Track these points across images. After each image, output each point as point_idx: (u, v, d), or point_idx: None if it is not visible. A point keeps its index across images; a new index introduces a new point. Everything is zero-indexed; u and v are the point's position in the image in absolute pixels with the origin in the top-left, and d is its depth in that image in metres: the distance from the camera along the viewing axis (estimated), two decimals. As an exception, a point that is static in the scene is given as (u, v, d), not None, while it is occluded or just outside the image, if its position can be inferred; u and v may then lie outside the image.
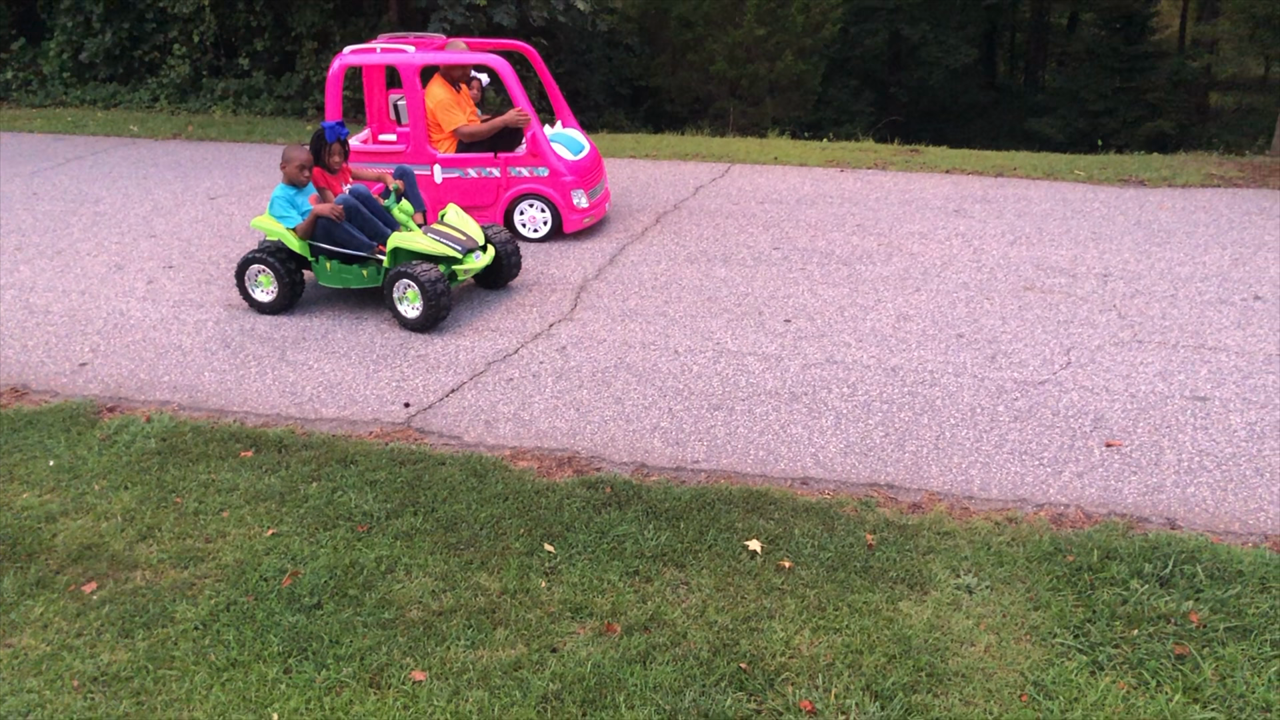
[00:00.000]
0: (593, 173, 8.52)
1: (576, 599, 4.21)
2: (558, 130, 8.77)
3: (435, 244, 6.67)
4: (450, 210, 7.09)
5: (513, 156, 8.27)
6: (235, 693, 3.76)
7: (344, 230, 6.73)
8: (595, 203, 8.49)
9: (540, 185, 8.27)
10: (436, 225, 6.89)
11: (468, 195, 8.36)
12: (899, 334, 6.55)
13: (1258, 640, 3.85)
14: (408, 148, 8.42)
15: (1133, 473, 5.02)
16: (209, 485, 5.10)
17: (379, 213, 7.00)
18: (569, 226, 8.32)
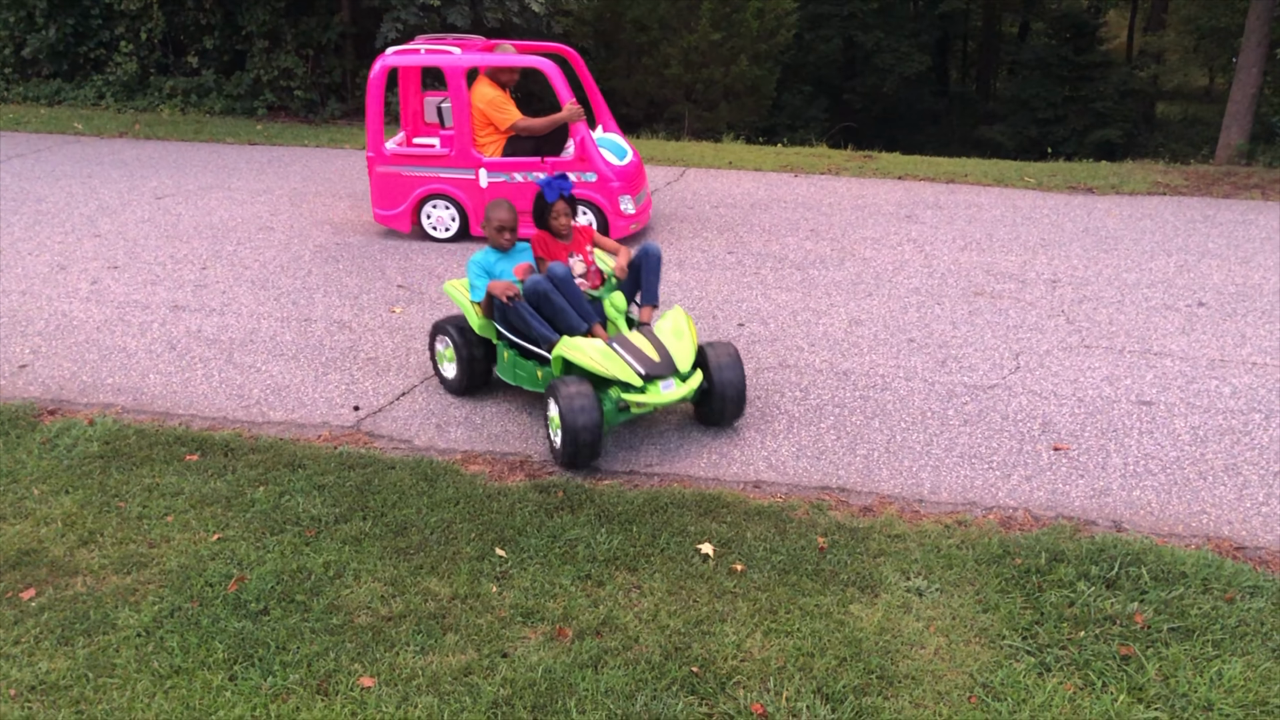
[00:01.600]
0: (637, 178, 8.33)
1: (528, 604, 4.18)
2: (600, 135, 8.52)
3: (610, 360, 5.11)
4: (670, 317, 5.45)
5: (560, 160, 8.02)
6: (179, 701, 3.69)
7: (520, 317, 5.37)
8: (641, 209, 8.29)
9: (588, 190, 8.01)
10: (636, 334, 5.34)
11: (513, 201, 7.84)
12: (851, 338, 6.59)
13: (1200, 640, 3.91)
14: (452, 151, 8.15)
15: (1080, 476, 5.08)
16: (153, 489, 5.01)
17: (577, 302, 5.40)
18: (616, 233, 8.07)
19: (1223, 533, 4.64)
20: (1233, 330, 6.55)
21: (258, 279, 7.72)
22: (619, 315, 5.55)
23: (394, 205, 8.42)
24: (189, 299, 7.36)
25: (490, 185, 8.09)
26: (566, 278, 5.33)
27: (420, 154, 8.27)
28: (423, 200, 8.35)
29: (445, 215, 8.37)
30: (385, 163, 8.31)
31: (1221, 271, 7.51)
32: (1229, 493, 4.91)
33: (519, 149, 8.09)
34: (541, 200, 5.65)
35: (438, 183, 8.25)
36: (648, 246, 5.63)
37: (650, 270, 5.65)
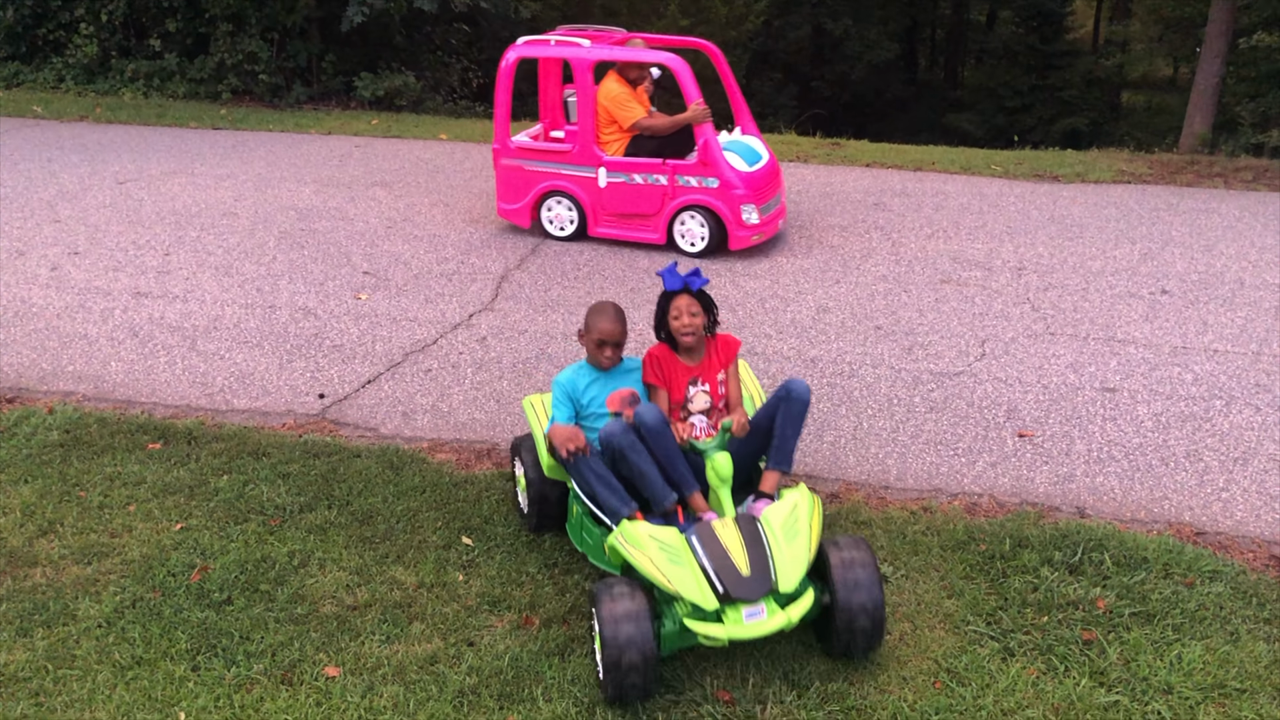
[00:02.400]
0: (767, 186, 7.74)
1: (495, 592, 4.17)
2: (735, 137, 8.04)
3: (677, 568, 3.57)
4: (787, 501, 3.80)
5: (682, 164, 7.54)
6: (140, 692, 3.65)
7: (581, 476, 4.00)
8: (767, 219, 7.72)
9: (708, 197, 7.53)
10: (728, 526, 3.71)
11: (631, 203, 7.74)
12: (818, 325, 6.61)
13: (1160, 625, 3.95)
14: (574, 147, 7.78)
15: (1044, 463, 5.12)
16: (114, 478, 4.94)
17: (670, 462, 3.95)
18: (735, 244, 7.60)
19: (1184, 518, 4.69)
20: (1195, 317, 6.62)
21: (221, 265, 7.63)
22: (722, 484, 3.91)
23: (515, 200, 8.12)
24: (151, 285, 7.27)
25: (609, 185, 7.73)
26: (658, 429, 3.90)
27: (542, 149, 7.98)
28: (543, 196, 8.03)
29: (564, 213, 8.01)
30: (509, 156, 8.05)
31: (1184, 259, 7.59)
32: (1190, 479, 4.97)
33: (642, 149, 7.70)
34: (663, 298, 4.19)
35: (558, 179, 7.91)
36: (792, 386, 4.02)
37: (790, 418, 4.04)
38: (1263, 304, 6.80)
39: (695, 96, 7.44)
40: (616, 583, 3.60)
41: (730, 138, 7.98)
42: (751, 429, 4.12)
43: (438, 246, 8.00)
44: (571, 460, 3.97)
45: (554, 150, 7.93)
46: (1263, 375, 5.88)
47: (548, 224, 8.09)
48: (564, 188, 7.91)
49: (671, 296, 4.17)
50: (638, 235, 7.85)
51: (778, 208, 7.94)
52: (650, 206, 7.71)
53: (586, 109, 7.69)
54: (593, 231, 7.96)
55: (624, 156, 7.71)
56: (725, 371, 4.26)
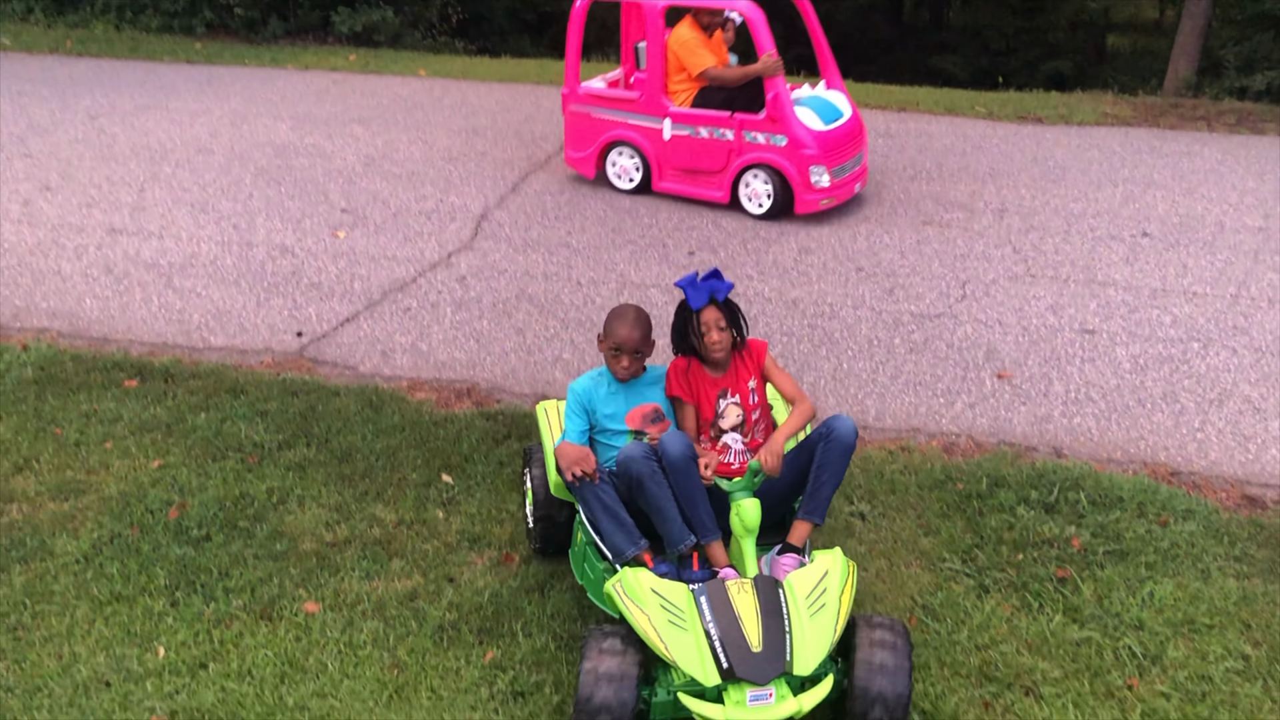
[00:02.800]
0: (845, 147, 7.20)
1: (475, 530, 4.17)
2: (815, 92, 7.46)
3: (675, 634, 3.10)
4: (820, 565, 3.28)
5: (750, 119, 7.06)
6: (119, 627, 3.65)
7: (588, 503, 3.49)
8: (841, 182, 7.19)
9: (775, 156, 7.02)
10: (744, 588, 3.19)
11: (696, 157, 7.31)
12: (800, 267, 6.58)
13: (1134, 563, 4.00)
14: (641, 95, 7.37)
15: (1022, 403, 5.15)
16: (91, 416, 4.91)
17: (690, 499, 3.43)
18: (801, 207, 7.09)
19: (1159, 458, 4.73)
20: (1175, 260, 6.63)
21: (197, 202, 7.53)
22: (746, 534, 3.43)
23: (582, 148, 7.76)
24: (126, 222, 7.17)
25: (674, 138, 7.30)
26: (682, 464, 3.38)
27: (610, 95, 7.59)
28: (609, 146, 7.64)
29: (629, 164, 7.59)
30: (577, 102, 7.68)
31: (1166, 202, 7.59)
32: (1166, 419, 5.01)
33: (710, 101, 7.22)
34: (684, 311, 3.70)
35: (624, 128, 7.51)
36: (836, 425, 3.46)
37: (829, 461, 3.46)
38: (1242, 247, 6.81)
39: (768, 47, 6.97)
40: (611, 634, 3.17)
41: (811, 92, 7.45)
42: (788, 466, 3.55)
43: (416, 184, 7.91)
44: (577, 485, 3.48)
45: (621, 98, 7.53)
46: (1240, 318, 5.90)
47: (613, 177, 7.71)
48: (629, 138, 7.52)
49: (695, 310, 3.63)
50: (701, 192, 7.41)
51: (855, 170, 7.38)
52: (715, 162, 7.27)
53: (656, 55, 7.28)
54: (656, 186, 7.57)
55: (691, 108, 7.28)
56: (756, 378, 3.73)
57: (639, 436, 3.65)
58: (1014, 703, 3.37)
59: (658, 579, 3.23)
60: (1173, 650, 3.58)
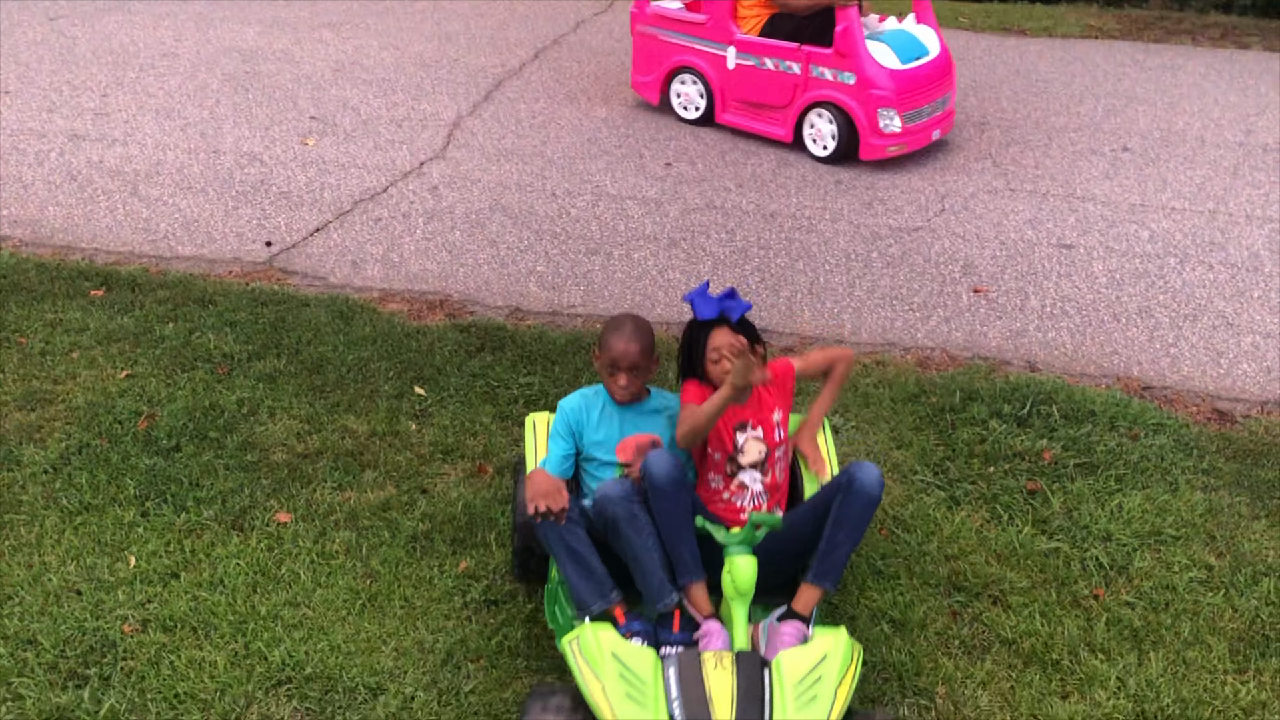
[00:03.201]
0: (924, 90, 6.51)
1: (448, 441, 4.16)
2: (900, 27, 6.81)
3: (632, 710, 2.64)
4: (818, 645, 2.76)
5: (818, 52, 6.43)
6: (89, 537, 3.63)
7: (551, 546, 3.04)
8: (915, 128, 6.52)
9: (842, 94, 6.42)
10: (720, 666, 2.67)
11: (760, 90, 6.75)
12: (778, 179, 6.51)
13: (1103, 476, 4.04)
14: (709, 20, 6.82)
15: (998, 318, 5.14)
16: (56, 325, 4.83)
17: (675, 540, 2.98)
18: (866, 153, 6.49)
19: (1132, 373, 4.75)
20: (1154, 175, 6.60)
21: (162, 108, 7.33)
22: (738, 597, 2.89)
23: (647, 72, 7.30)
24: (89, 128, 6.98)
25: (738, 68, 6.77)
26: (669, 489, 2.92)
27: (677, 17, 7.01)
28: (674, 72, 7.15)
29: (694, 92, 7.11)
30: (645, 22, 7.18)
31: (1148, 117, 7.52)
32: (1140, 334, 5.02)
33: (779, 29, 6.63)
34: (693, 329, 3.20)
35: (690, 54, 7.00)
36: (859, 475, 2.96)
37: (846, 517, 2.98)
38: (1221, 163, 6.78)
39: None
40: (560, 693, 2.77)
41: (895, 26, 6.82)
42: (803, 520, 3.08)
43: (387, 91, 7.72)
44: (540, 523, 3.00)
45: (688, 20, 6.97)
46: (1217, 233, 5.90)
47: (678, 106, 7.25)
48: (695, 64, 7.01)
49: (705, 329, 3.13)
50: (764, 129, 6.87)
51: (937, 115, 6.71)
52: (779, 97, 6.69)
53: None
54: (719, 118, 7.07)
55: (758, 37, 6.71)
56: (782, 409, 3.24)
57: (623, 476, 3.14)
58: (981, 612, 3.42)
59: (621, 641, 2.76)
60: (1139, 561, 3.63)
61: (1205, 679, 3.19)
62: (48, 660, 3.13)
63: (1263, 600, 3.49)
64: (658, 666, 2.70)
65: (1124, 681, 3.17)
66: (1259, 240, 5.83)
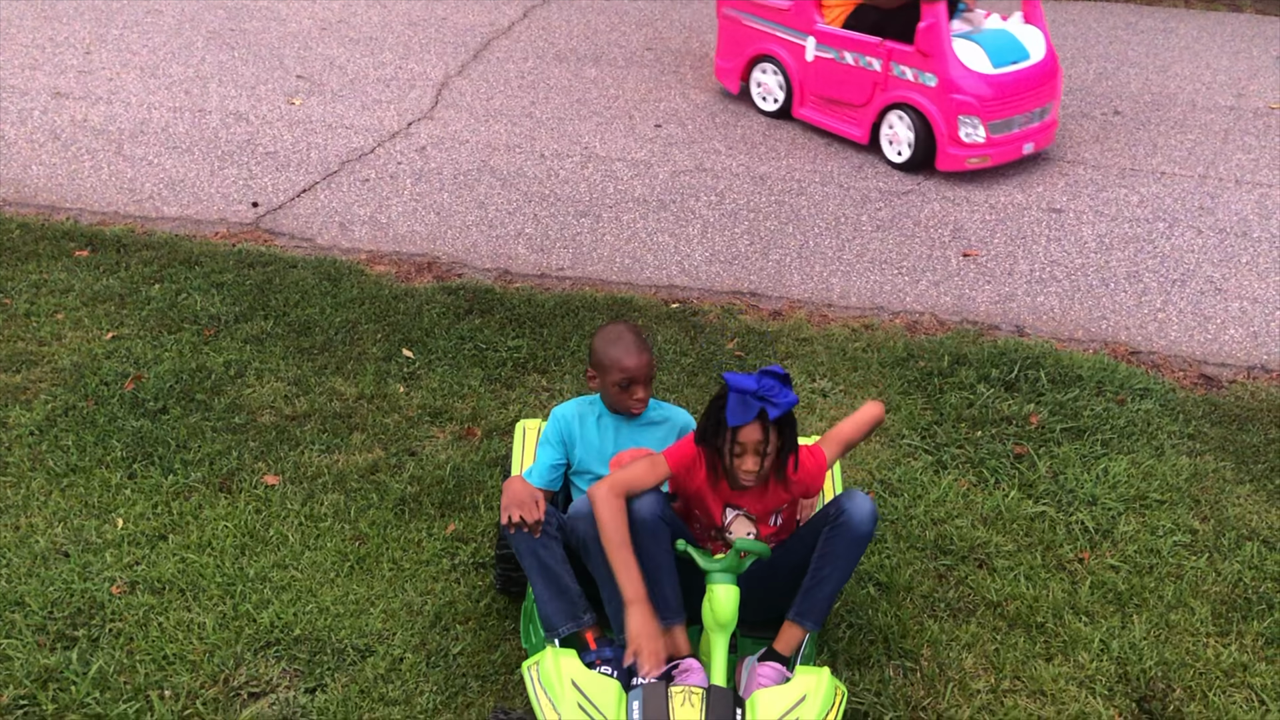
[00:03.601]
0: (1017, 98, 5.88)
1: (436, 404, 4.15)
2: (1003, 26, 6.18)
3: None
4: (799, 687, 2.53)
5: (900, 49, 5.91)
6: (76, 498, 3.62)
7: (523, 560, 2.84)
8: (1002, 140, 5.90)
9: (921, 96, 5.88)
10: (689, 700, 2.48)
11: (836, 85, 6.28)
12: (769, 142, 6.47)
13: (1090, 440, 4.06)
14: (792, 6, 6.36)
15: (987, 282, 5.14)
16: (41, 286, 4.79)
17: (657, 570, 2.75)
18: (943, 163, 5.93)
19: (1119, 338, 4.76)
20: (1145, 139, 6.58)
21: (147, 66, 7.24)
22: (718, 630, 2.68)
23: (729, 58, 6.89)
24: (72, 85, 6.90)
25: (816, 60, 6.31)
26: (652, 524, 2.72)
27: (762, 3, 6.54)
28: (755, 60, 6.72)
29: (773, 83, 6.65)
30: (731, 5, 6.77)
31: (1139, 80, 7.49)
32: (1128, 299, 5.03)
33: (863, 22, 6.17)
34: (717, 411, 2.73)
35: (772, 42, 6.55)
36: (849, 507, 2.75)
37: (834, 552, 2.76)
38: (1212, 127, 6.76)
39: None
40: (514, 715, 2.64)
41: (997, 24, 6.20)
42: (795, 552, 2.84)
43: (374, 50, 7.64)
44: (513, 534, 2.80)
45: (772, 6, 6.50)
46: (1206, 198, 5.89)
47: (757, 96, 6.81)
48: (775, 53, 6.55)
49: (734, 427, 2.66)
50: (840, 127, 6.39)
51: (1031, 127, 6.06)
52: (858, 95, 6.21)
53: None
54: (796, 112, 6.60)
55: (841, 28, 6.24)
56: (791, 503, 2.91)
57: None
58: (967, 575, 3.44)
59: (582, 669, 2.53)
60: (1124, 525, 3.66)
61: (1188, 641, 3.22)
62: (35, 622, 3.13)
63: (1246, 564, 3.52)
64: (621, 699, 2.50)
65: (1107, 644, 3.20)
66: (1248, 205, 5.82)
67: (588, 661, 2.67)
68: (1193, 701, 3.03)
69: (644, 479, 2.76)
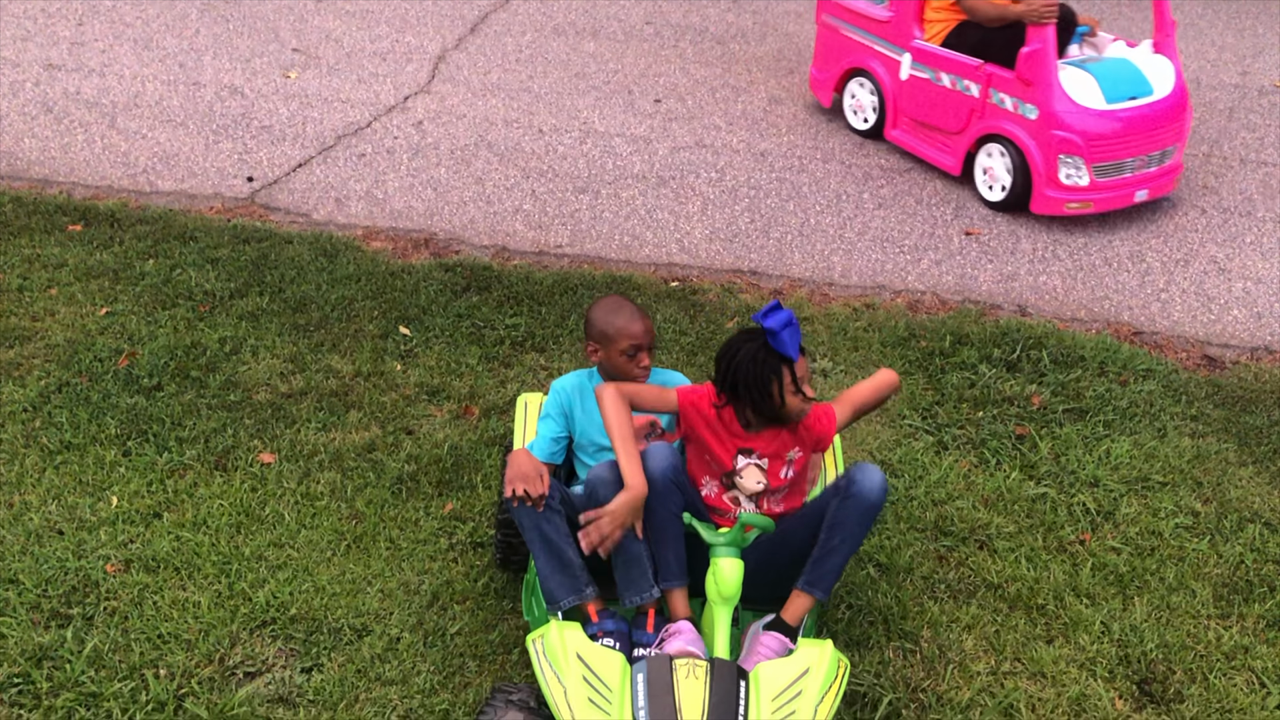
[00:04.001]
0: (1131, 139, 5.18)
1: (433, 382, 4.11)
2: (1126, 54, 5.46)
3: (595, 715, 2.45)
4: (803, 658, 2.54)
5: (1001, 74, 5.27)
6: (71, 476, 3.59)
7: (525, 532, 2.80)
8: (1109, 184, 5.24)
9: (1019, 129, 5.22)
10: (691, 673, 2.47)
11: (930, 108, 5.69)
12: (770, 118, 6.41)
13: (1092, 421, 4.03)
14: (892, 18, 5.78)
15: (989, 261, 5.10)
16: (34, 261, 4.74)
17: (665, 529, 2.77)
18: (1039, 205, 5.28)
19: (1122, 318, 4.73)
20: (1148, 118, 6.52)
21: (140, 38, 7.16)
22: (722, 602, 2.69)
23: (824, 68, 6.37)
24: (65, 58, 6.82)
25: (911, 79, 5.75)
26: (663, 483, 2.72)
27: (861, 12, 6.00)
28: (850, 73, 6.18)
29: (867, 100, 6.09)
30: (830, 11, 6.25)
31: (1143, 58, 7.42)
32: (1131, 279, 4.99)
33: (964, 41, 5.52)
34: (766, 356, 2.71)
35: (868, 55, 6.00)
36: (859, 478, 2.70)
37: (846, 521, 2.72)
38: (1216, 105, 6.71)
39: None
40: (517, 702, 2.59)
41: (1120, 54, 5.50)
42: (802, 526, 2.83)
43: (370, 23, 7.56)
44: (515, 507, 2.78)
45: (872, 16, 5.94)
46: (1210, 178, 5.85)
47: (849, 111, 6.25)
48: (871, 68, 6.00)
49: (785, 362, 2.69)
50: (932, 155, 5.79)
51: (1148, 172, 5.34)
52: (952, 121, 5.60)
53: None
54: (888, 134, 6.02)
55: (940, 46, 5.63)
56: (804, 450, 2.89)
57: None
58: (968, 556, 3.42)
59: (587, 642, 2.56)
60: (1125, 507, 3.64)
61: (1189, 624, 3.21)
62: (30, 600, 3.11)
63: (1247, 546, 3.50)
64: (625, 672, 2.52)
65: (1108, 626, 3.18)
66: (1252, 184, 5.78)
67: (590, 634, 2.68)
68: (1193, 684, 3.01)
69: (650, 397, 2.83)
